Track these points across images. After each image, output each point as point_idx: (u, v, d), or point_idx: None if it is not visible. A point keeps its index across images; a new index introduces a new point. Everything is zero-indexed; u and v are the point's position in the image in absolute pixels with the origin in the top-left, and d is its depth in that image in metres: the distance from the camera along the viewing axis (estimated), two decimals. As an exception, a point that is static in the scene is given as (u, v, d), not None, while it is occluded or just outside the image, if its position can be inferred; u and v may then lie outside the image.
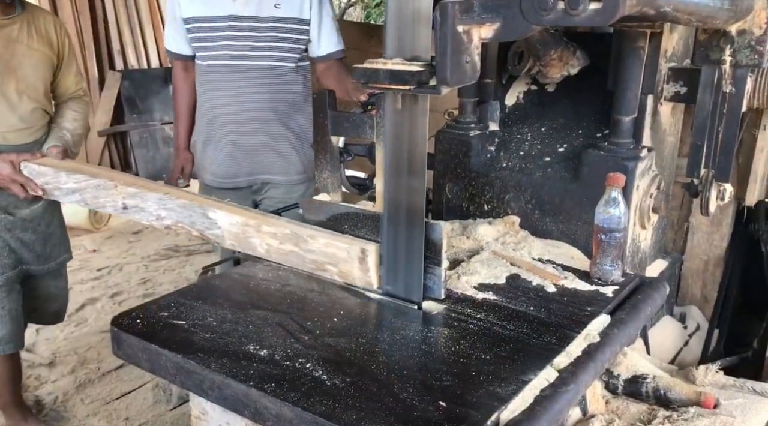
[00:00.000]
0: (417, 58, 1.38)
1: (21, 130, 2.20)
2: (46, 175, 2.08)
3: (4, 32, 2.14)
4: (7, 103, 2.16)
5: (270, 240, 1.68)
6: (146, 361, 1.40)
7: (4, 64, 2.15)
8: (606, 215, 1.61)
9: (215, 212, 1.74)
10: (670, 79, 1.84)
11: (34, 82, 2.22)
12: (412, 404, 1.18)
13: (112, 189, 1.91)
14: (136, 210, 1.89)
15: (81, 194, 1.99)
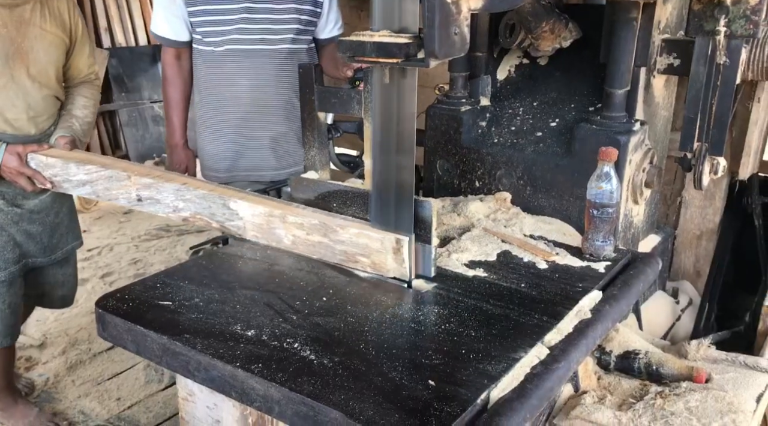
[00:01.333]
0: (405, 30, 1.34)
1: (31, 119, 2.10)
2: (54, 166, 1.99)
3: (16, 13, 2.01)
4: (18, 89, 2.05)
5: (296, 231, 1.62)
6: (132, 343, 1.38)
7: (16, 47, 2.02)
8: (598, 190, 1.58)
9: (237, 202, 1.68)
10: (663, 51, 1.80)
11: (45, 67, 2.11)
12: (401, 383, 1.16)
13: (126, 180, 1.84)
14: (151, 202, 1.82)
15: (92, 186, 1.92)
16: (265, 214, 1.65)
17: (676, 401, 1.46)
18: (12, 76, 2.02)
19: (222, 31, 2.28)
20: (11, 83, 2.02)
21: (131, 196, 1.84)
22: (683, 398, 1.47)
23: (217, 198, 1.70)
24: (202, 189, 1.74)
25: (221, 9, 2.26)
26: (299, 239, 1.62)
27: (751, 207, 2.36)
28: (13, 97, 2.04)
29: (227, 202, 1.69)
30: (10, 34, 1.99)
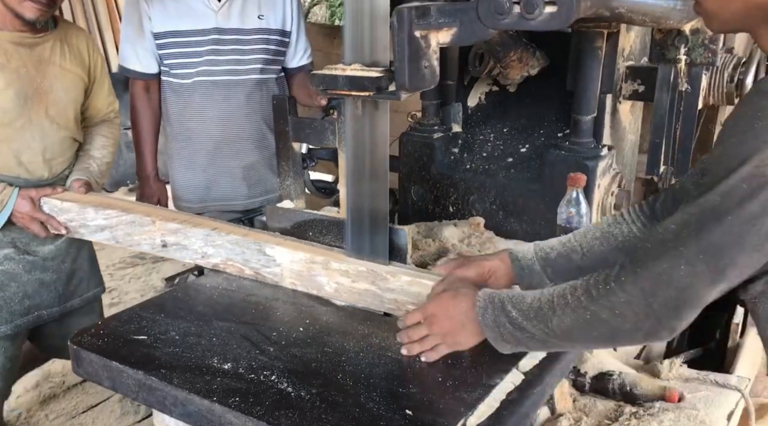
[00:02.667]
0: (376, 64, 1.37)
1: (47, 161, 2.00)
2: (70, 211, 1.90)
3: (36, 52, 1.94)
4: (36, 131, 1.95)
5: (341, 278, 1.54)
6: (107, 379, 1.37)
7: (35, 88, 1.93)
8: (568, 215, 1.62)
9: (274, 248, 1.61)
10: (628, 78, 1.86)
11: (65, 107, 2.02)
12: (378, 413, 1.17)
13: (150, 225, 1.76)
14: (177, 248, 1.74)
15: (111, 231, 1.84)
16: (305, 260, 1.57)
17: (650, 421, 1.49)
18: (30, 118, 1.93)
19: (190, 63, 2.30)
20: (29, 125, 1.93)
21: (155, 242, 1.77)
22: (657, 418, 1.50)
23: (251, 243, 1.64)
24: (234, 234, 1.67)
25: (190, 41, 2.29)
26: (343, 287, 1.54)
27: (717, 226, 2.42)
28: (30, 139, 1.95)
29: (263, 248, 1.62)
30: (29, 73, 1.92)
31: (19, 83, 1.89)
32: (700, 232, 1.00)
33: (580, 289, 1.13)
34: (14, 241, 2.00)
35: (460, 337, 1.29)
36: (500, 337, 1.22)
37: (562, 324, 1.13)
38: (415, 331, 1.34)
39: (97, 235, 1.88)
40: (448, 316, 1.29)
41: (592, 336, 1.13)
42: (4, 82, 1.86)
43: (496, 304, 1.22)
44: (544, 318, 1.15)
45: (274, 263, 1.62)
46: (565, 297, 1.14)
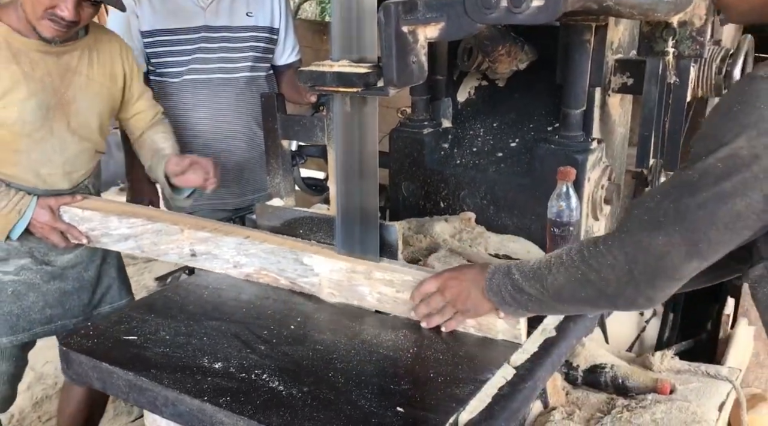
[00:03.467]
0: (364, 60, 1.37)
1: (67, 174, 1.93)
2: (91, 220, 1.84)
3: (62, 61, 1.86)
4: (56, 143, 1.88)
5: (384, 288, 1.49)
6: (98, 380, 1.36)
7: (58, 98, 1.86)
8: (558, 209, 1.62)
9: (311, 257, 1.56)
10: (617, 71, 1.86)
11: (88, 119, 1.94)
12: (370, 411, 1.17)
13: (178, 234, 1.70)
14: (207, 257, 1.69)
15: (136, 240, 1.78)
16: (346, 269, 1.52)
17: (642, 414, 1.50)
18: (51, 129, 1.86)
19: (179, 62, 2.29)
20: (49, 137, 1.86)
21: (183, 252, 1.72)
22: (649, 410, 1.50)
23: (288, 252, 1.58)
24: (269, 242, 1.61)
25: (178, 39, 2.27)
26: (386, 297, 1.50)
27: (708, 218, 2.43)
28: (50, 151, 1.88)
29: (300, 257, 1.57)
30: (53, 83, 1.84)
31: (42, 93, 1.82)
32: (678, 204, 1.06)
33: (575, 249, 1.19)
34: (32, 251, 1.95)
35: (468, 302, 1.35)
36: (503, 301, 1.28)
37: (556, 282, 1.19)
38: (434, 299, 1.39)
39: (121, 244, 1.82)
40: (459, 281, 1.35)
41: (580, 296, 1.18)
42: (27, 91, 1.79)
43: (502, 270, 1.29)
44: (541, 277, 1.21)
45: (311, 273, 1.57)
46: (560, 256, 1.20)
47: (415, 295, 1.42)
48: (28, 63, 1.79)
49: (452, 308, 1.38)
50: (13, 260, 1.93)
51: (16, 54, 1.77)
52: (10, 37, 1.77)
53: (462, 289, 1.35)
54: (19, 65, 1.77)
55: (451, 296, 1.36)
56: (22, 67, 1.77)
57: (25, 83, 1.78)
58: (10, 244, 1.89)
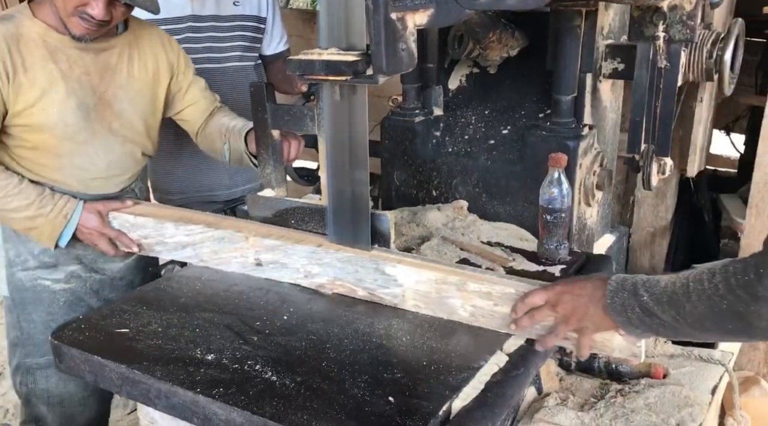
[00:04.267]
0: (352, 48, 1.35)
1: (111, 177, 1.84)
2: (144, 227, 1.74)
3: (101, 59, 1.76)
4: (99, 145, 1.78)
5: (479, 301, 1.38)
6: (90, 373, 1.36)
7: (98, 98, 1.76)
8: (550, 196, 1.62)
9: (395, 267, 1.45)
10: (607, 57, 1.85)
11: (131, 120, 1.84)
12: (363, 400, 1.17)
13: (242, 242, 1.60)
14: (274, 267, 1.59)
15: (194, 249, 1.68)
16: (435, 280, 1.42)
17: (635, 398, 1.50)
18: (93, 131, 1.76)
19: None
20: (92, 139, 1.77)
21: (247, 261, 1.62)
22: (642, 395, 1.51)
23: (367, 261, 1.49)
24: (344, 251, 1.51)
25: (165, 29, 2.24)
26: (482, 311, 1.39)
27: (700, 203, 2.44)
28: (93, 155, 1.78)
29: (382, 267, 1.47)
30: (92, 82, 1.75)
31: (82, 93, 1.73)
32: None
33: (719, 275, 1.05)
34: (80, 257, 1.87)
35: (586, 319, 1.22)
36: (628, 322, 1.16)
37: (695, 311, 1.07)
38: (540, 313, 1.29)
39: (177, 253, 1.71)
40: (574, 296, 1.23)
41: (726, 328, 1.06)
42: (66, 91, 1.70)
43: (627, 288, 1.16)
44: (677, 304, 1.09)
45: (394, 284, 1.47)
46: (701, 282, 1.07)
47: (519, 307, 1.30)
48: (65, 61, 1.71)
49: (565, 326, 1.26)
50: (62, 267, 1.85)
51: (53, 52, 1.69)
52: (46, 35, 1.69)
53: (578, 305, 1.22)
54: (57, 64, 1.69)
55: (564, 312, 1.24)
56: (59, 66, 1.69)
57: (63, 82, 1.70)
58: (57, 249, 1.80)
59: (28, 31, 1.67)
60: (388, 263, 1.46)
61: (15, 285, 1.85)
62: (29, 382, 1.90)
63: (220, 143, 1.94)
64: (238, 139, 1.87)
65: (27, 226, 1.72)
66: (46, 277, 1.85)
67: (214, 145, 1.97)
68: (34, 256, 1.83)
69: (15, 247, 1.83)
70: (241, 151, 1.87)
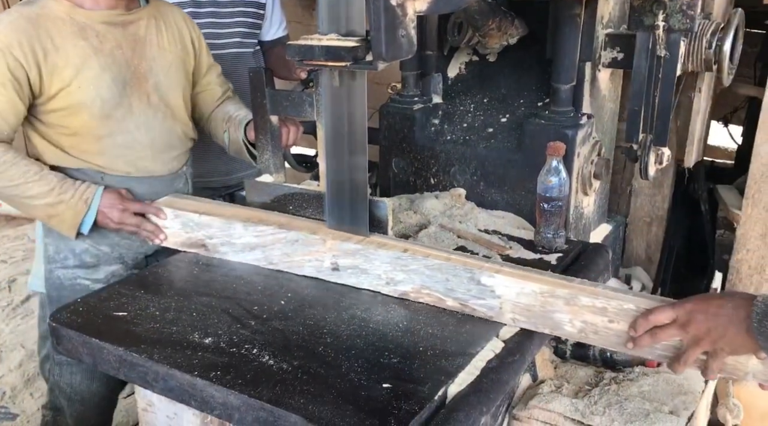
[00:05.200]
0: (352, 33, 1.35)
1: (158, 155, 1.80)
2: (210, 226, 1.65)
3: (130, 31, 1.73)
4: (140, 121, 1.75)
5: (591, 316, 1.28)
6: (88, 356, 1.37)
7: (133, 72, 1.73)
8: (547, 184, 1.62)
9: (493, 277, 1.36)
10: (607, 46, 1.85)
11: (167, 92, 1.80)
12: (360, 384, 1.18)
13: (318, 245, 1.52)
14: (353, 272, 1.50)
15: (264, 251, 1.59)
16: (541, 293, 1.32)
17: (629, 386, 1.52)
18: (131, 107, 1.74)
19: None
20: (130, 115, 1.74)
21: (323, 265, 1.53)
22: (636, 383, 1.53)
23: (461, 270, 1.38)
24: (433, 257, 1.42)
25: None
26: (594, 327, 1.29)
27: (697, 193, 2.44)
28: (135, 130, 1.75)
29: (477, 276, 1.37)
30: (125, 55, 1.72)
31: (115, 67, 1.70)
32: None
33: None
34: (122, 257, 1.84)
35: (723, 341, 1.12)
36: None
37: None
38: (666, 332, 1.18)
39: (245, 254, 1.62)
40: (710, 315, 1.12)
41: None
42: (99, 66, 1.67)
43: None
44: None
45: (491, 295, 1.37)
46: None
47: (641, 324, 1.20)
48: (95, 36, 1.68)
49: (696, 348, 1.15)
50: (103, 267, 1.82)
51: (83, 28, 1.67)
52: (73, 12, 1.67)
53: (714, 326, 1.12)
54: (87, 40, 1.67)
55: (696, 332, 1.14)
56: (90, 42, 1.67)
57: (96, 58, 1.67)
58: (100, 249, 1.79)
59: (54, 11, 1.65)
60: (484, 272, 1.37)
61: (52, 282, 1.83)
62: (56, 373, 1.90)
63: (221, 131, 1.94)
64: (238, 129, 1.87)
65: (48, 213, 1.69)
66: (86, 277, 1.82)
67: (217, 131, 1.97)
68: (75, 255, 1.79)
69: (55, 243, 1.79)
70: (240, 141, 1.86)
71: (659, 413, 1.40)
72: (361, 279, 1.51)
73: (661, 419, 1.38)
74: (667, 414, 1.40)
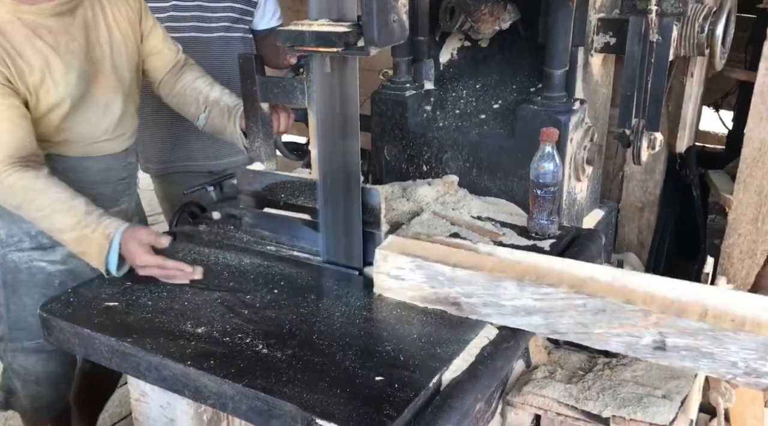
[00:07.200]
0: (343, 18, 1.34)
1: (115, 137, 1.79)
2: (469, 283, 1.33)
3: (78, 19, 1.67)
4: (96, 109, 1.72)
5: None
6: (80, 346, 1.36)
7: (92, 62, 1.69)
8: (541, 170, 1.61)
9: None
10: (599, 30, 1.84)
11: (123, 71, 1.77)
12: (354, 372, 1.17)
13: (637, 318, 1.20)
14: (688, 355, 1.18)
15: (546, 317, 1.28)
16: None
17: (622, 371, 1.52)
18: (94, 96, 1.71)
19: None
20: (93, 105, 1.71)
21: (640, 342, 1.22)
22: (629, 368, 1.53)
23: None
24: None
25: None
26: None
27: (689, 178, 2.44)
28: (94, 118, 1.72)
29: None
30: (81, 47, 1.68)
31: (77, 63, 1.66)
32: None
33: None
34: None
35: None
36: None
37: None
38: None
39: (519, 319, 1.31)
40: None
41: None
42: (63, 66, 1.62)
43: None
44: None
45: None
46: None
47: None
48: (48, 34, 1.62)
49: None
50: (59, 248, 1.74)
51: (34, 28, 1.60)
52: (18, 12, 1.59)
53: None
54: (42, 39, 1.61)
55: None
56: (45, 41, 1.61)
57: (58, 58, 1.62)
58: None
59: (1, 16, 1.58)
60: None
61: (7, 266, 1.79)
62: (9, 356, 1.88)
63: (193, 109, 1.90)
64: (228, 118, 1.83)
65: (78, 249, 1.55)
66: (42, 258, 1.79)
67: (188, 108, 1.93)
68: (30, 237, 1.76)
69: (8, 226, 1.75)
70: (234, 131, 1.83)
71: (652, 397, 1.41)
72: (699, 363, 1.19)
73: (654, 403, 1.39)
74: (660, 398, 1.41)
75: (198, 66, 1.98)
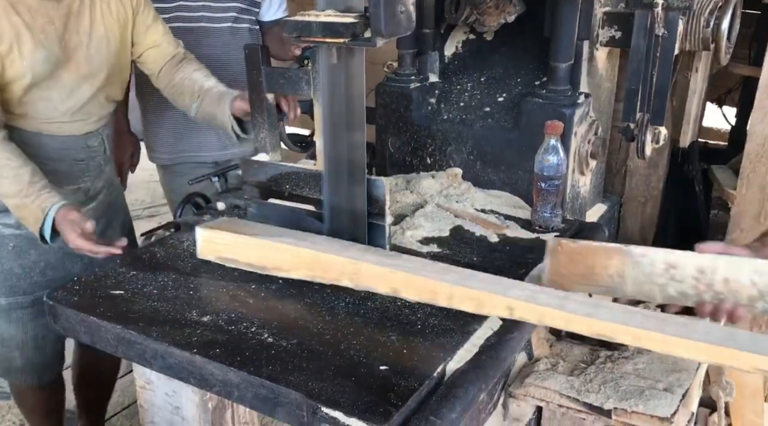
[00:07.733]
0: (350, 9, 1.34)
1: (74, 122, 1.83)
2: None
3: (64, 5, 1.73)
4: (62, 91, 1.77)
5: None
6: (86, 334, 1.37)
7: (64, 47, 1.74)
8: (545, 163, 1.62)
9: None
10: (605, 24, 1.84)
11: (100, 64, 1.83)
12: (359, 361, 1.18)
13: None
14: None
15: None
16: None
17: (624, 364, 1.53)
18: (60, 78, 1.76)
19: (163, 8, 2.23)
20: (55, 85, 1.76)
21: None
22: (631, 360, 1.54)
23: None
24: None
25: None
26: None
27: (691, 173, 2.45)
28: (56, 98, 1.77)
29: None
30: (57, 31, 1.73)
31: (48, 44, 1.71)
32: None
33: None
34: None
35: None
36: None
37: None
38: None
39: None
40: None
41: None
42: (33, 43, 1.68)
43: None
44: None
45: None
46: None
47: None
48: (26, 12, 1.68)
49: None
50: None
51: (14, 3, 1.66)
52: None
53: None
54: (19, 15, 1.66)
55: None
56: (22, 17, 1.67)
57: (29, 33, 1.68)
58: None
59: None
60: None
61: None
62: None
63: (190, 100, 1.93)
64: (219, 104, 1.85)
65: (18, 214, 1.67)
66: None
67: (182, 98, 1.96)
68: None
69: None
70: (224, 117, 1.85)
71: (654, 390, 1.42)
72: None
73: (656, 396, 1.39)
74: (662, 391, 1.42)
75: (198, 61, 2.01)
